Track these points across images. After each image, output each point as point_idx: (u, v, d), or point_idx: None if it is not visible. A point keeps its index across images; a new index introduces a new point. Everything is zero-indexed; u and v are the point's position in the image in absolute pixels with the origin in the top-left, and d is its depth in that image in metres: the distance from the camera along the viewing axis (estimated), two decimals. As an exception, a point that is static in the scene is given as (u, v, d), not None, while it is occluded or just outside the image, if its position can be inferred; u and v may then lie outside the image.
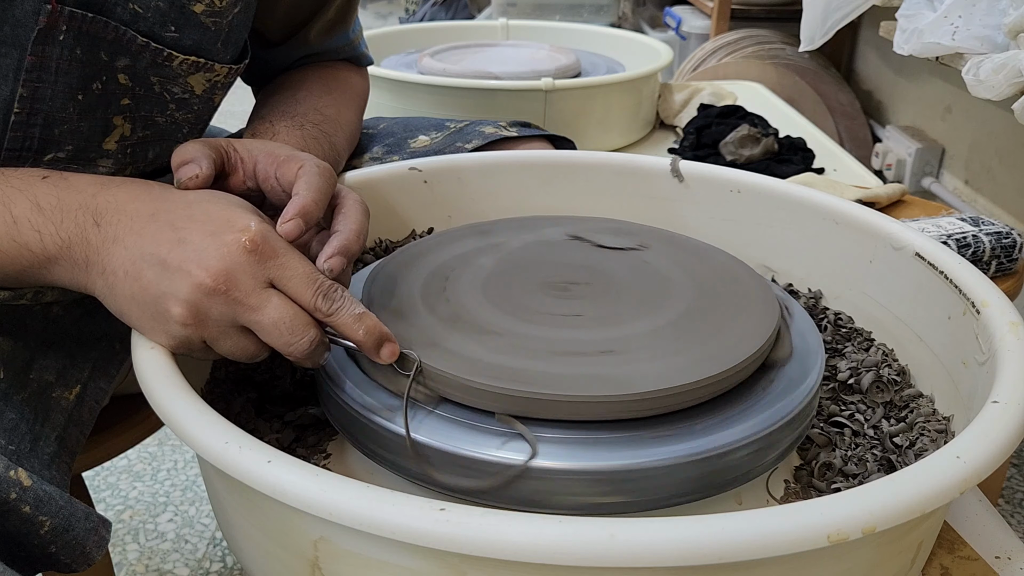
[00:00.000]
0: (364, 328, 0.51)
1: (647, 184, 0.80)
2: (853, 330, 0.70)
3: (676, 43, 2.76)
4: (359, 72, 0.89)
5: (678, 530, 0.38)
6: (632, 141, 1.64)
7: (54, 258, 0.52)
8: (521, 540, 0.38)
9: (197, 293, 0.49)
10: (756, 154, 1.47)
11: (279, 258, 0.51)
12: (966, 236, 0.92)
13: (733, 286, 0.62)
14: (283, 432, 0.59)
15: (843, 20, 1.58)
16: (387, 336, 0.52)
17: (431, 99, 1.46)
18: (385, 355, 0.52)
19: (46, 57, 0.57)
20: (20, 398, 0.58)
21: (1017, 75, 1.05)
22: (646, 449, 0.49)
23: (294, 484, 0.41)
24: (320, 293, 0.51)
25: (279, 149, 0.59)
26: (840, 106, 2.26)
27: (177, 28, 0.62)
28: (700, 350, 0.54)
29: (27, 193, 0.53)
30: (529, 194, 0.82)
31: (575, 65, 1.60)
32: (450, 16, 3.52)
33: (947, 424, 0.59)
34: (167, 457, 1.40)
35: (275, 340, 0.50)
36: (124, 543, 1.23)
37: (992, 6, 1.15)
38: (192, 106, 0.68)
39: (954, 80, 1.86)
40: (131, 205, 0.53)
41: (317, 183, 0.55)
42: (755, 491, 0.56)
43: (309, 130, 0.73)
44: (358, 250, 0.56)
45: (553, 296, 0.61)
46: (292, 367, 0.64)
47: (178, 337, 0.51)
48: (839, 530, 0.39)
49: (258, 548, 0.50)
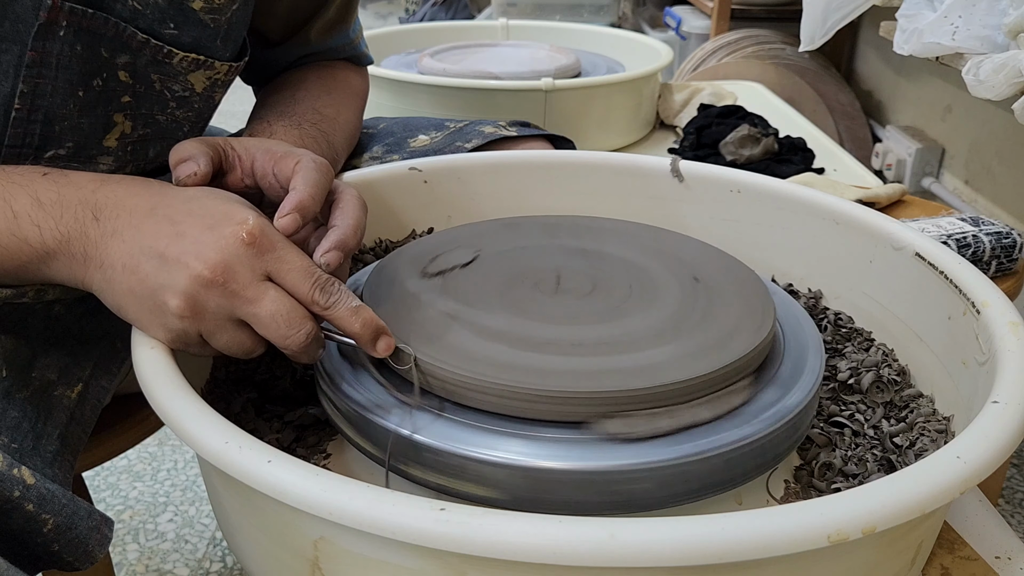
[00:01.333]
0: (361, 321, 0.51)
1: (647, 184, 0.80)
2: (853, 330, 0.70)
3: (676, 43, 2.76)
4: (359, 72, 0.89)
5: (678, 530, 0.38)
6: (632, 141, 1.64)
7: (53, 252, 0.52)
8: (521, 540, 0.38)
9: (195, 285, 0.49)
10: (756, 154, 1.47)
11: (277, 251, 0.51)
12: (966, 236, 0.92)
13: (731, 286, 0.62)
14: (283, 432, 0.59)
15: (843, 20, 1.58)
16: (383, 329, 0.52)
17: (431, 99, 1.46)
18: (381, 348, 0.52)
19: (46, 53, 0.57)
20: (23, 396, 0.58)
21: (1017, 75, 1.05)
22: (646, 449, 0.49)
23: (294, 484, 0.41)
24: (317, 286, 0.51)
25: (276, 146, 0.59)
26: (840, 106, 2.26)
27: (176, 25, 0.62)
28: (699, 348, 0.54)
29: (28, 189, 0.53)
30: (529, 194, 0.82)
31: (575, 65, 1.60)
32: (450, 16, 3.52)
33: (947, 424, 0.59)
34: (167, 457, 1.40)
35: (272, 333, 0.51)
36: (124, 543, 1.23)
37: (992, 6, 1.15)
38: (193, 104, 0.68)
39: (954, 80, 1.87)
40: (130, 201, 0.53)
41: (314, 178, 0.55)
42: (755, 491, 0.56)
43: (307, 129, 0.73)
44: (355, 245, 0.56)
45: (551, 296, 0.61)
46: (292, 367, 0.64)
47: (175, 330, 0.51)
48: (839, 530, 0.39)
49: (258, 548, 0.50)
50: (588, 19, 3.19)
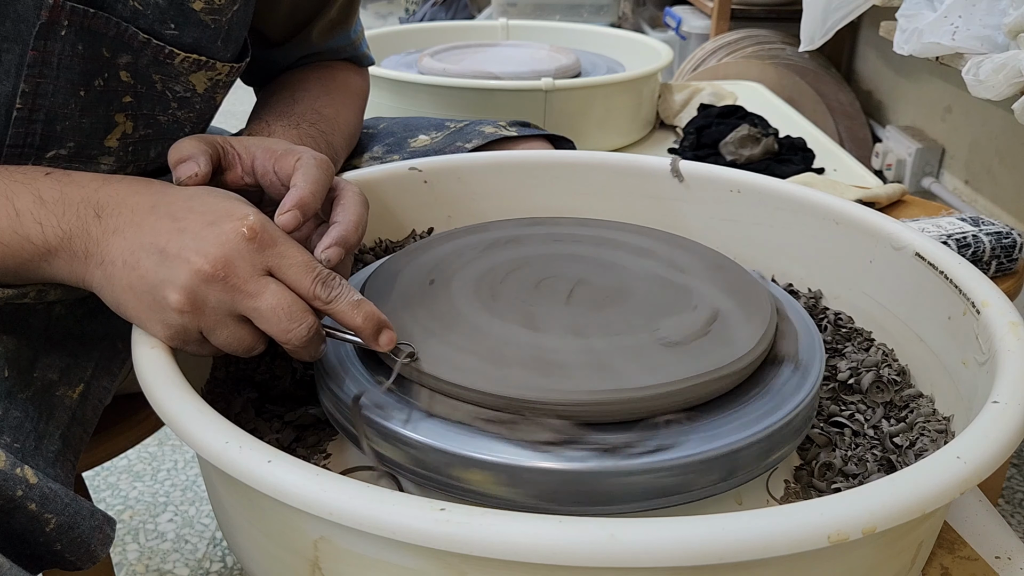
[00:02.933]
0: (363, 315, 0.52)
1: (647, 184, 0.80)
2: (853, 330, 0.70)
3: (676, 43, 2.76)
4: (359, 72, 0.89)
5: (678, 530, 0.38)
6: (632, 141, 1.64)
7: (55, 250, 0.53)
8: (521, 540, 0.38)
9: (195, 280, 0.49)
10: (756, 154, 1.47)
11: (277, 247, 0.51)
12: (966, 236, 0.92)
13: (728, 286, 0.62)
14: (283, 432, 0.59)
15: (843, 20, 1.58)
16: (385, 323, 0.52)
17: (431, 99, 1.46)
18: (383, 342, 0.52)
19: (48, 52, 0.57)
20: (24, 396, 0.58)
21: (1017, 75, 1.05)
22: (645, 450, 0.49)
23: (294, 484, 0.41)
24: (319, 281, 0.51)
25: (276, 144, 0.60)
26: (840, 106, 2.26)
27: (177, 25, 0.62)
28: (699, 351, 0.54)
29: (30, 187, 0.53)
30: (529, 194, 0.82)
31: (575, 65, 1.60)
32: (450, 16, 3.52)
33: (947, 424, 0.59)
34: (167, 457, 1.40)
35: (273, 327, 0.51)
36: (124, 543, 1.23)
37: (992, 6, 1.15)
38: (194, 105, 0.68)
39: (954, 80, 1.87)
40: (132, 199, 0.54)
41: (314, 175, 0.56)
42: (755, 491, 0.56)
43: (306, 129, 0.73)
44: (356, 241, 0.56)
45: (550, 297, 0.61)
46: (292, 367, 0.64)
47: (174, 326, 0.51)
48: (839, 530, 0.39)
49: (258, 548, 0.50)
50: (588, 19, 3.19)
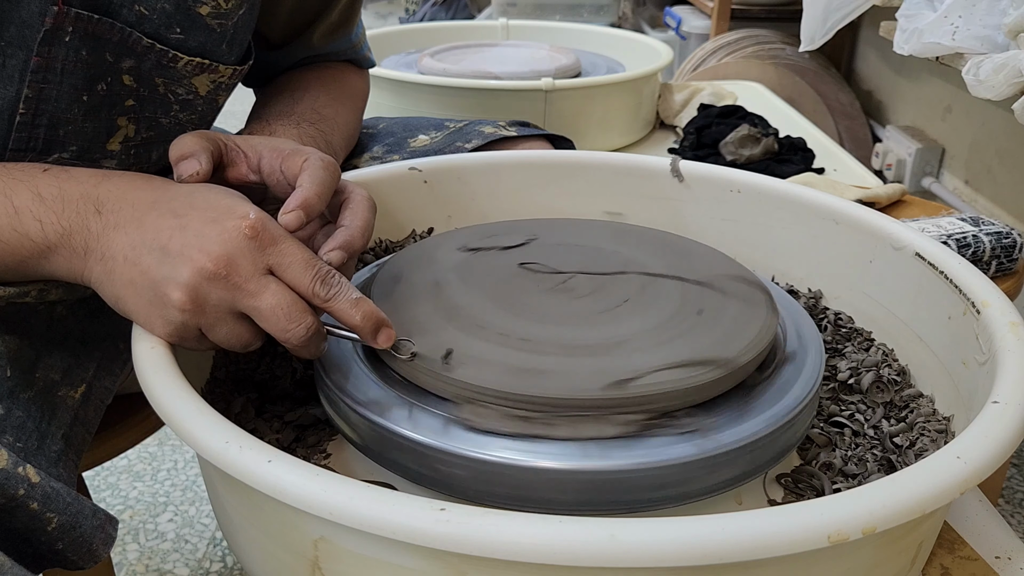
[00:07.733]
0: (362, 313, 0.52)
1: (647, 184, 0.80)
2: (853, 330, 0.70)
3: (676, 43, 2.76)
4: (360, 73, 0.90)
5: (678, 530, 0.38)
6: (632, 141, 1.64)
7: (54, 247, 0.53)
8: (521, 540, 0.38)
9: (198, 277, 0.50)
10: (756, 154, 1.47)
11: (279, 245, 0.51)
12: (966, 236, 0.92)
13: (728, 286, 0.62)
14: (283, 432, 0.59)
15: (843, 20, 1.59)
16: (384, 321, 0.52)
17: (431, 99, 1.46)
18: (382, 340, 0.52)
19: (52, 58, 0.57)
20: (27, 396, 0.58)
21: (1017, 75, 1.05)
22: (646, 450, 0.49)
23: (294, 484, 0.41)
24: (318, 279, 0.51)
25: (283, 144, 0.60)
26: (840, 106, 2.26)
27: (183, 30, 0.62)
28: (699, 351, 0.54)
29: (28, 184, 0.53)
30: (529, 194, 0.82)
31: (575, 65, 1.60)
32: (450, 16, 3.52)
33: (947, 424, 0.59)
34: (167, 457, 1.40)
35: (272, 326, 0.51)
36: (124, 543, 1.23)
37: (992, 6, 1.15)
38: (196, 107, 0.68)
39: (954, 80, 1.87)
40: (133, 194, 0.54)
41: (321, 176, 0.56)
42: (755, 491, 0.56)
43: (305, 129, 0.73)
44: (362, 246, 0.56)
45: (549, 297, 0.61)
46: (292, 367, 0.64)
47: (174, 323, 0.51)
48: (839, 530, 0.39)
49: (258, 548, 0.50)
50: (588, 19, 3.19)
